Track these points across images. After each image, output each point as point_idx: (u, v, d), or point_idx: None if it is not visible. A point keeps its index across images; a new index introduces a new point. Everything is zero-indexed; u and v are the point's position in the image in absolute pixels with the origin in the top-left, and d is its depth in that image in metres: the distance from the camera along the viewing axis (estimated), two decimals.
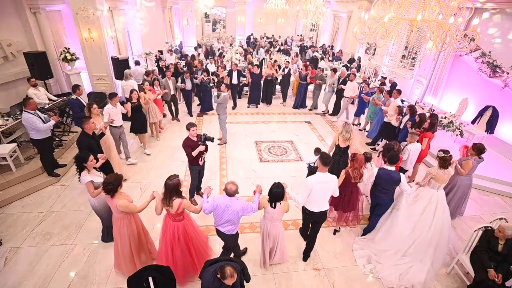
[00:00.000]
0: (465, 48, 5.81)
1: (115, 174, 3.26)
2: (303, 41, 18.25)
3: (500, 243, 3.37)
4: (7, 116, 5.68)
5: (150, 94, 6.57)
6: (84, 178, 3.50)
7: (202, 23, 20.62)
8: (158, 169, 5.93)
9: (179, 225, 3.28)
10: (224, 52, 13.21)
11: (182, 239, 3.30)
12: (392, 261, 3.91)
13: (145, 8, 11.52)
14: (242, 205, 3.18)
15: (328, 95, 9.07)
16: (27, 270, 3.68)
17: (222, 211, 3.17)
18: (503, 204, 5.54)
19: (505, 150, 6.75)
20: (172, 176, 3.12)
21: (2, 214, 4.59)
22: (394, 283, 3.69)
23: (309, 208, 3.63)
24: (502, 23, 6.85)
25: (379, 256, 4.01)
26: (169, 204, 3.09)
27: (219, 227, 3.33)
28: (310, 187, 3.44)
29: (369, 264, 3.96)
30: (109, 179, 3.09)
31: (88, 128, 4.31)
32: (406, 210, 4.09)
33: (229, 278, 2.40)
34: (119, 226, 3.32)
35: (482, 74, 6.87)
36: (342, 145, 4.83)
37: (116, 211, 3.23)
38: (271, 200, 3.31)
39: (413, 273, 3.76)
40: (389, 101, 6.79)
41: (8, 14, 6.67)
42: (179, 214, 3.21)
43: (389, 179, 3.85)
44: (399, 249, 3.98)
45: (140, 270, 2.83)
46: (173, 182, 3.08)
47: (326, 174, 3.50)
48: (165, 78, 7.70)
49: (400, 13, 3.75)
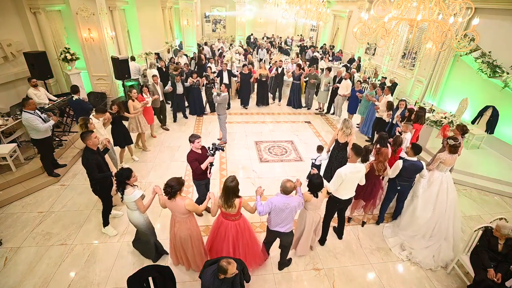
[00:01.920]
0: (465, 48, 5.81)
1: (176, 177, 3.16)
2: (303, 41, 18.25)
3: (500, 243, 3.37)
4: (7, 116, 5.68)
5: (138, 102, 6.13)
6: (136, 193, 3.32)
7: (202, 23, 20.62)
8: (158, 169, 5.93)
9: (240, 222, 3.34)
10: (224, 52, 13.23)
11: (246, 234, 3.39)
12: (423, 245, 4.17)
13: (145, 8, 11.52)
14: (298, 200, 3.31)
15: (324, 93, 9.19)
16: (27, 270, 3.68)
17: (280, 211, 3.24)
18: (503, 204, 5.54)
19: (505, 150, 6.75)
20: (230, 178, 3.13)
21: (2, 214, 4.59)
22: (431, 265, 3.99)
23: (339, 197, 3.86)
24: (502, 23, 6.85)
25: (410, 242, 4.26)
26: (230, 206, 3.13)
27: (278, 228, 3.37)
28: (343, 177, 3.65)
29: (404, 251, 4.21)
30: (172, 182, 3.06)
31: (92, 144, 3.84)
32: (423, 195, 4.34)
33: (229, 267, 2.44)
34: (186, 228, 3.27)
35: (482, 74, 6.87)
36: (341, 141, 4.92)
37: (182, 213, 3.18)
38: (314, 190, 3.46)
39: (443, 252, 4.06)
40: (381, 97, 7.06)
41: (8, 14, 6.68)
42: (239, 213, 3.27)
43: (413, 168, 4.14)
44: (425, 232, 4.23)
45: (140, 270, 2.83)
46: (234, 184, 3.09)
47: (356, 164, 3.74)
48: (152, 83, 7.11)
49: (400, 13, 3.75)
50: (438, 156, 4.28)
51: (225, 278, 2.53)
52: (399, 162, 4.15)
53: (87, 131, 3.92)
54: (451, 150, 4.19)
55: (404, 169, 4.12)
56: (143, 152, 6.56)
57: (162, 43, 13.20)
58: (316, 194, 3.47)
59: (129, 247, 4.06)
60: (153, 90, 7.03)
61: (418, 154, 4.12)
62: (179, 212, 3.19)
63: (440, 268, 4.01)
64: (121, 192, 3.33)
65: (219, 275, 2.51)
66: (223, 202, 3.14)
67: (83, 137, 3.82)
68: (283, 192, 3.24)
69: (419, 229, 4.26)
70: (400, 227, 4.48)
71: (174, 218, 3.33)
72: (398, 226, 4.54)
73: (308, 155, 6.73)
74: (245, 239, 3.40)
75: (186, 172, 5.79)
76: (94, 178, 3.86)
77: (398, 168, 4.14)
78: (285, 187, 3.21)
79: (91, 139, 3.81)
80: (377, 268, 3.98)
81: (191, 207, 3.15)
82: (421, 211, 4.27)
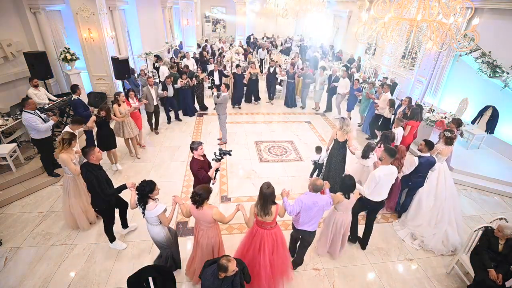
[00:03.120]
0: (465, 48, 5.81)
1: (204, 185, 3.08)
2: (303, 41, 18.24)
3: (500, 243, 3.37)
4: (7, 116, 5.68)
5: (125, 106, 5.84)
6: (159, 208, 3.11)
7: (202, 23, 20.61)
8: (158, 169, 5.92)
9: (276, 231, 3.19)
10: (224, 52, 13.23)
11: (281, 245, 3.24)
12: (430, 232, 4.37)
13: (145, 8, 11.52)
14: (326, 199, 3.30)
15: (319, 92, 9.28)
16: (27, 270, 3.68)
17: (309, 209, 3.23)
18: (503, 204, 5.54)
19: (505, 150, 6.75)
20: (265, 185, 3.02)
21: (2, 214, 4.59)
22: (442, 250, 4.22)
23: (372, 199, 3.84)
24: (502, 23, 6.84)
25: (419, 231, 4.45)
26: (267, 213, 2.99)
27: (305, 226, 3.35)
28: (377, 180, 3.65)
29: (415, 240, 4.41)
30: (200, 190, 2.96)
31: (95, 159, 3.59)
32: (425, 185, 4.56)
33: (229, 264, 2.43)
34: (209, 237, 3.15)
35: (482, 74, 6.87)
36: (341, 140, 4.96)
37: (208, 221, 3.07)
38: (346, 191, 3.46)
39: (450, 236, 4.28)
40: (381, 95, 7.19)
41: (8, 14, 6.67)
42: (275, 220, 3.13)
43: (428, 163, 4.31)
44: (430, 220, 4.46)
45: (140, 270, 2.83)
46: (271, 190, 2.98)
47: (390, 166, 3.74)
48: (146, 86, 6.90)
49: (400, 13, 3.75)
50: (436, 147, 4.47)
51: (225, 278, 2.52)
52: (415, 159, 4.31)
53: (89, 147, 3.66)
54: (447, 142, 4.50)
55: (420, 165, 4.28)
56: (143, 152, 6.56)
57: (162, 43, 13.19)
58: (348, 195, 3.45)
59: (129, 247, 4.07)
60: (147, 93, 6.80)
61: (431, 149, 4.31)
62: (205, 220, 3.06)
63: (447, 269, 4.01)
64: (142, 207, 3.12)
65: (219, 274, 2.50)
66: (260, 210, 3.00)
67: (86, 152, 3.56)
68: (313, 190, 3.26)
69: (424, 217, 4.47)
70: (408, 218, 4.66)
71: (198, 226, 3.21)
72: (405, 217, 4.71)
73: (308, 155, 6.72)
74: (280, 250, 3.26)
75: (186, 172, 5.79)
76: (107, 195, 3.59)
77: (414, 165, 4.30)
78: (315, 185, 3.23)
79: (94, 154, 3.57)
80: (377, 268, 3.98)
81: (218, 216, 3.02)
82: (425, 200, 4.51)
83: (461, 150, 6.83)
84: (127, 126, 5.91)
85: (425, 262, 4.12)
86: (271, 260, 3.19)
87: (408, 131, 5.81)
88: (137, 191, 3.11)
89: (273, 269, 3.25)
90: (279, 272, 3.32)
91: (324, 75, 8.98)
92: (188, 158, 6.39)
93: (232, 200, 5.11)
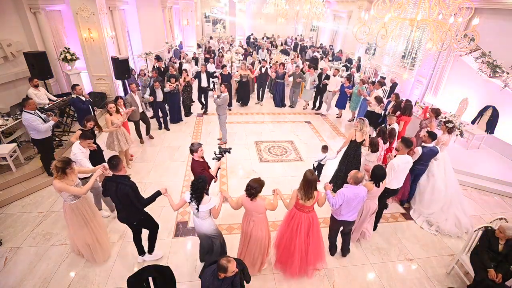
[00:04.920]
0: (465, 48, 5.81)
1: (257, 178, 3.23)
2: (303, 41, 18.26)
3: (501, 243, 3.36)
4: (7, 116, 5.68)
5: (118, 116, 5.32)
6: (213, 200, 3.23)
7: (202, 23, 20.62)
8: (158, 169, 5.92)
9: (313, 215, 3.48)
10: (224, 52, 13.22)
11: (316, 228, 3.52)
12: (443, 217, 4.70)
13: (145, 8, 11.52)
14: (365, 190, 3.56)
15: (309, 92, 9.37)
16: (27, 270, 3.68)
17: (351, 201, 3.48)
18: (503, 204, 5.54)
19: (505, 150, 6.75)
20: (309, 172, 3.28)
21: (2, 214, 4.59)
22: (458, 232, 4.59)
23: (391, 187, 4.18)
24: (502, 23, 6.85)
25: (434, 218, 4.75)
26: (309, 197, 3.28)
27: (345, 217, 3.63)
28: (396, 168, 4.05)
29: (432, 226, 4.73)
30: (254, 184, 3.15)
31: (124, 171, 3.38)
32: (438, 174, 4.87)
33: (229, 265, 2.44)
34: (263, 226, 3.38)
35: (482, 74, 6.87)
36: (359, 140, 5.11)
37: (260, 212, 3.29)
38: (378, 180, 3.69)
39: (461, 219, 4.65)
40: (372, 92, 7.44)
41: (8, 14, 6.67)
42: (313, 205, 3.41)
43: (431, 153, 4.63)
44: (441, 206, 4.77)
45: (140, 270, 2.83)
46: (314, 177, 3.26)
47: (406, 156, 4.16)
48: (129, 93, 6.31)
49: (400, 13, 3.74)
50: (439, 138, 4.85)
51: (225, 278, 2.52)
52: (419, 149, 4.60)
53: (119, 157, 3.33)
54: (450, 131, 4.96)
55: (423, 154, 4.59)
56: (143, 152, 6.56)
57: (162, 43, 13.19)
58: (378, 184, 3.70)
59: (129, 247, 4.05)
60: (131, 102, 6.23)
61: (434, 140, 4.64)
62: (257, 211, 3.29)
63: (447, 269, 4.01)
64: (197, 203, 3.16)
65: (219, 274, 2.50)
66: (303, 195, 3.28)
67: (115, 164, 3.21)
68: (354, 183, 3.48)
69: (436, 204, 4.77)
70: (423, 205, 4.92)
71: (249, 218, 3.39)
72: (420, 204, 4.97)
73: (308, 155, 6.73)
74: (315, 233, 3.52)
75: (186, 172, 5.79)
76: (145, 204, 3.36)
77: (418, 154, 4.60)
78: (356, 178, 3.47)
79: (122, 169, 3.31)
80: (377, 268, 3.98)
81: (269, 205, 3.27)
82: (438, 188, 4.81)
83: (461, 150, 6.84)
84: (122, 138, 5.41)
85: (425, 262, 4.12)
86: (306, 242, 3.49)
87: (402, 126, 6.10)
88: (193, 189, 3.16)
89: (308, 251, 3.52)
90: (313, 255, 3.57)
91: (314, 74, 9.09)
92: (188, 158, 6.40)
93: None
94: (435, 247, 4.39)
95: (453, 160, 6.16)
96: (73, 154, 3.92)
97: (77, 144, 4.01)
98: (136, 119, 6.53)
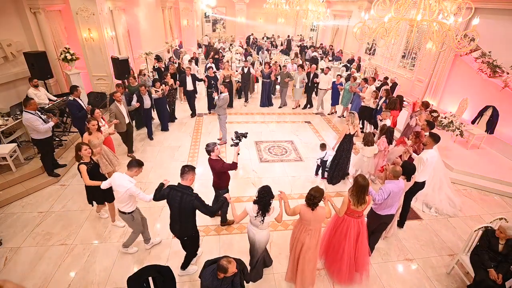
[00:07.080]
0: (465, 48, 5.80)
1: (318, 187, 3.09)
2: (303, 41, 18.25)
3: (501, 243, 3.36)
4: (7, 116, 5.68)
5: (98, 134, 4.53)
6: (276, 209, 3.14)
7: (202, 23, 20.60)
8: (158, 169, 5.92)
9: (362, 220, 3.46)
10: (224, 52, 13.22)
11: (364, 233, 3.48)
12: (437, 198, 5.02)
13: (145, 8, 11.52)
14: (403, 182, 3.65)
15: (299, 91, 9.45)
16: (27, 270, 3.68)
17: (396, 194, 3.55)
18: (503, 204, 5.54)
19: (505, 150, 6.75)
20: (361, 177, 3.23)
21: (2, 214, 4.59)
22: (454, 211, 4.96)
23: (419, 180, 4.24)
24: (502, 23, 6.84)
25: (430, 200, 5.05)
26: (362, 203, 3.24)
27: (385, 211, 3.67)
28: (425, 162, 4.16)
29: (431, 209, 5.04)
30: (316, 193, 3.02)
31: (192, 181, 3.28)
32: None
33: (229, 266, 2.44)
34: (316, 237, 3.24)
35: (482, 74, 6.87)
36: (352, 132, 5.36)
37: (320, 221, 3.15)
38: (409, 174, 3.77)
39: (453, 198, 5.05)
40: (364, 88, 7.70)
41: (8, 14, 6.67)
42: (363, 211, 3.36)
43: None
44: (432, 187, 5.03)
45: (140, 270, 2.83)
46: (366, 182, 3.21)
47: (433, 150, 4.25)
48: (114, 103, 5.62)
49: (400, 13, 3.75)
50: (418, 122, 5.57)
51: (225, 278, 2.52)
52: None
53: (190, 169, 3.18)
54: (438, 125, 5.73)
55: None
56: (143, 152, 6.55)
57: (162, 43, 13.20)
58: (409, 178, 3.78)
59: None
60: (116, 112, 5.60)
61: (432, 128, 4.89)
62: (317, 221, 3.13)
63: (447, 269, 4.02)
64: (263, 215, 3.03)
65: (219, 274, 2.50)
66: (355, 201, 3.24)
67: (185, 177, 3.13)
68: (394, 177, 3.55)
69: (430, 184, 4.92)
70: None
71: (303, 227, 3.20)
72: None
73: (308, 155, 6.74)
74: (364, 240, 3.48)
75: None
76: (213, 211, 3.25)
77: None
78: (396, 172, 3.53)
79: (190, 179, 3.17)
80: (377, 268, 3.98)
81: (328, 214, 3.21)
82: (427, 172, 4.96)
83: (461, 150, 6.84)
84: (102, 159, 4.62)
85: (425, 262, 4.12)
86: (355, 247, 3.46)
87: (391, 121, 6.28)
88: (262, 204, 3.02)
89: (356, 258, 3.49)
90: (360, 262, 3.53)
91: (303, 73, 9.15)
92: (189, 158, 6.40)
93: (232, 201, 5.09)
94: (435, 247, 4.39)
95: (453, 160, 6.20)
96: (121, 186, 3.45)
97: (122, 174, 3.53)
98: (123, 130, 5.91)
